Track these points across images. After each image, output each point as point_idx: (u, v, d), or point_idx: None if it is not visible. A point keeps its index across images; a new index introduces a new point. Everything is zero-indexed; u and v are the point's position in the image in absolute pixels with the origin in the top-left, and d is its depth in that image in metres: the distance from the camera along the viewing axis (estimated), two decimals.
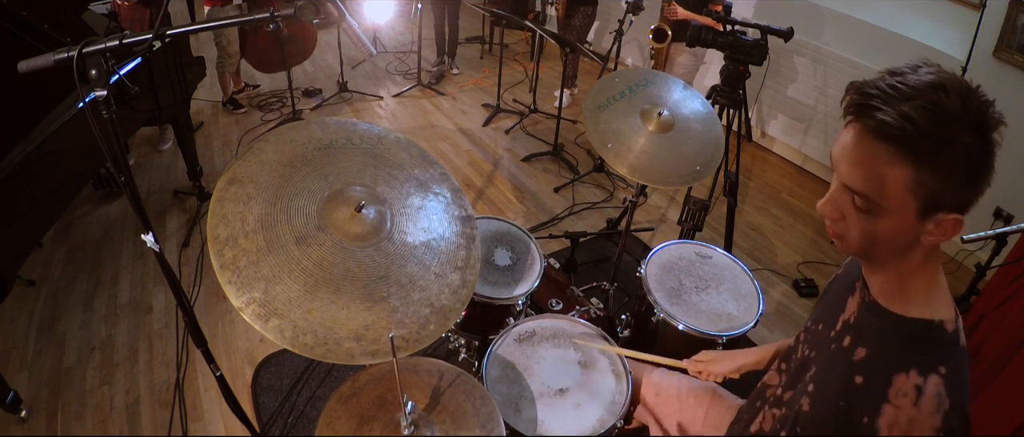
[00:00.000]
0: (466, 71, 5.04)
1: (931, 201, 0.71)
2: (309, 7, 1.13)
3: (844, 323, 0.90)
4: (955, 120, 0.67)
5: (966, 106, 0.68)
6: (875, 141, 0.71)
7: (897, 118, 0.68)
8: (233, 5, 3.56)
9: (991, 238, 1.87)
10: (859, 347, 0.83)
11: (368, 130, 1.37)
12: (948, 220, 0.72)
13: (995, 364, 1.80)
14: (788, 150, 3.94)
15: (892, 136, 0.69)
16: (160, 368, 2.19)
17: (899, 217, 0.74)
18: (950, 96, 0.67)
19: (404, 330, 1.10)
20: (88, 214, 2.98)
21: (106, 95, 1.01)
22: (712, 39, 2.38)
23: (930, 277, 0.80)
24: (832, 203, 0.79)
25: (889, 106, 0.69)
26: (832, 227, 0.82)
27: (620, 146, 1.78)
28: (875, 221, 0.75)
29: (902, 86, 0.69)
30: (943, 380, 0.74)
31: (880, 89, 0.70)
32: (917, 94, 0.68)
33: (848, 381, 0.81)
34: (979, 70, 2.63)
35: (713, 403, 1.37)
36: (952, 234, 0.74)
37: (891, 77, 0.71)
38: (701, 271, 1.83)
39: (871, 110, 0.70)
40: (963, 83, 0.69)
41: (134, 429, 1.98)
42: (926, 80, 0.69)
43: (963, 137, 0.68)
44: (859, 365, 0.81)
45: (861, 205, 0.75)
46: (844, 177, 0.76)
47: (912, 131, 0.68)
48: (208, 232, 1.06)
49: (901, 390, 0.75)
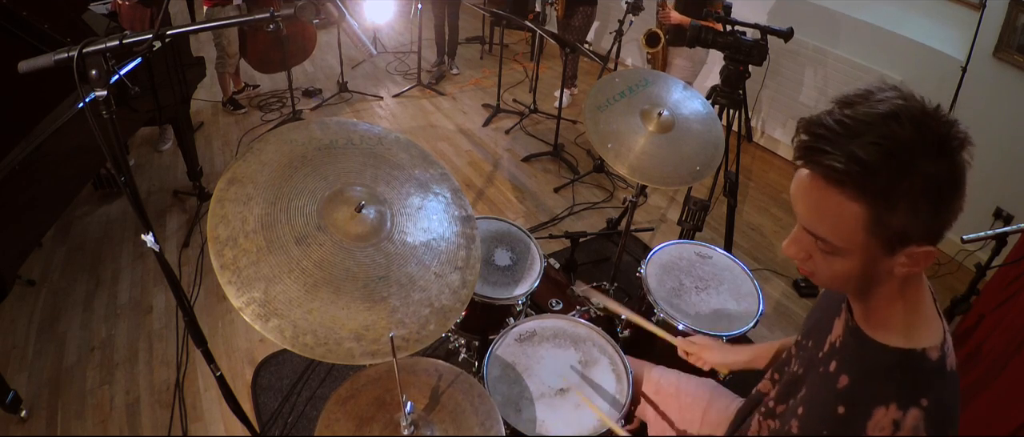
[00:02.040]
0: (466, 71, 5.04)
1: (895, 237, 0.69)
2: (309, 7, 1.13)
3: (830, 345, 0.88)
4: (911, 151, 0.64)
5: (921, 133, 0.64)
6: (826, 185, 0.68)
7: (844, 161, 0.65)
8: (233, 5, 3.56)
9: (991, 238, 1.87)
10: (842, 374, 0.81)
11: (368, 130, 1.37)
12: (919, 252, 0.70)
13: (995, 364, 1.80)
14: (788, 150, 3.94)
15: (841, 181, 0.66)
16: (160, 368, 2.19)
17: (864, 256, 0.72)
18: (904, 125, 0.64)
19: (404, 330, 1.10)
20: (88, 214, 2.98)
21: (106, 95, 1.01)
22: (712, 39, 2.38)
23: (912, 303, 0.78)
24: (796, 243, 0.78)
25: (836, 148, 0.66)
26: (801, 266, 0.80)
27: (620, 146, 1.78)
28: (839, 261, 0.74)
29: (850, 122, 0.66)
30: (923, 413, 0.72)
31: (827, 127, 0.67)
32: (868, 129, 0.65)
33: (832, 410, 0.79)
34: (979, 70, 2.63)
35: (712, 402, 1.37)
36: (925, 264, 0.72)
37: (841, 110, 0.68)
38: (701, 271, 1.83)
39: (818, 154, 0.67)
40: (918, 108, 0.65)
41: (134, 429, 1.98)
42: (878, 111, 0.65)
43: (923, 167, 0.64)
44: (842, 394, 0.79)
45: (823, 247, 0.74)
46: (801, 219, 0.75)
47: (860, 172, 0.65)
48: (208, 232, 1.06)
49: (879, 423, 0.73)
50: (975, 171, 0.68)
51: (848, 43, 3.39)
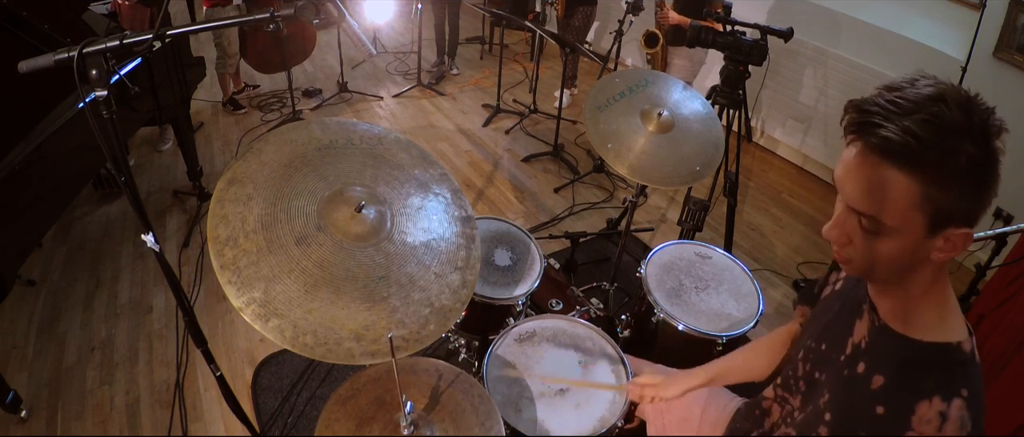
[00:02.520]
0: (466, 71, 5.03)
1: (939, 216, 0.70)
2: (309, 7, 1.13)
3: (854, 347, 0.87)
4: (958, 131, 0.66)
5: (968, 116, 0.66)
6: (879, 159, 0.70)
7: (900, 134, 0.67)
8: (233, 5, 3.56)
9: (991, 238, 1.86)
10: (876, 375, 0.81)
11: (368, 130, 1.37)
12: (957, 235, 0.71)
13: (995, 364, 1.80)
14: (788, 150, 3.94)
15: (896, 152, 0.68)
16: (160, 368, 2.19)
17: (907, 236, 0.72)
18: (951, 107, 0.66)
19: (404, 330, 1.10)
20: (88, 214, 2.99)
21: (106, 95, 1.01)
22: (712, 39, 2.38)
23: (940, 297, 0.79)
24: (838, 227, 0.78)
25: (891, 122, 0.68)
26: (839, 252, 0.80)
27: (620, 146, 1.78)
28: (883, 242, 0.74)
29: (902, 101, 0.68)
30: (965, 403, 0.73)
31: (880, 105, 0.69)
32: (917, 108, 0.67)
33: (869, 412, 0.79)
34: (979, 70, 2.63)
35: (710, 401, 1.37)
36: (962, 248, 0.73)
37: (889, 93, 0.70)
38: (701, 271, 1.83)
39: (873, 127, 0.69)
40: (962, 93, 0.68)
41: (134, 429, 1.98)
42: (925, 93, 0.68)
43: (967, 147, 0.66)
44: (879, 395, 0.79)
45: (868, 226, 0.74)
46: (849, 198, 0.75)
47: (916, 146, 0.66)
48: (208, 232, 1.06)
49: (925, 418, 0.73)
50: None
51: (848, 43, 3.39)
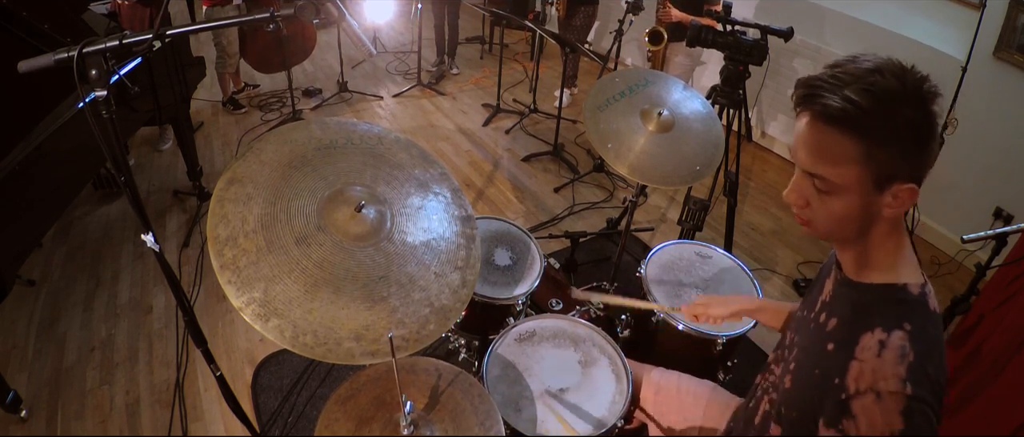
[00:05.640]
0: (466, 71, 5.03)
1: (883, 173, 0.78)
2: (309, 7, 1.13)
3: (822, 303, 0.96)
4: (893, 97, 0.74)
5: (902, 83, 0.74)
6: (824, 125, 0.78)
7: (841, 101, 0.75)
8: (233, 5, 3.56)
9: (991, 238, 1.87)
10: (832, 319, 0.90)
11: (368, 130, 1.37)
12: (904, 190, 0.78)
13: (995, 364, 1.80)
14: (788, 150, 3.94)
15: (838, 117, 0.76)
16: (160, 368, 2.19)
17: (856, 193, 0.80)
18: (887, 76, 0.74)
19: (404, 330, 1.10)
20: (88, 214, 2.99)
21: (106, 95, 1.01)
22: (712, 39, 2.38)
23: (894, 246, 0.86)
24: (796, 190, 0.86)
25: (833, 92, 0.76)
26: (799, 214, 0.88)
27: (620, 146, 1.78)
28: (835, 200, 0.81)
29: (842, 75, 0.77)
30: (907, 335, 0.78)
31: (823, 80, 0.78)
32: (855, 79, 0.75)
33: (822, 349, 0.87)
34: (979, 70, 2.63)
35: (711, 401, 1.37)
36: (909, 203, 0.80)
37: (832, 69, 0.78)
38: (701, 271, 1.83)
39: (817, 98, 0.77)
40: (897, 65, 0.76)
41: (134, 429, 1.98)
42: (864, 67, 0.76)
43: (904, 111, 0.74)
44: (830, 334, 0.88)
45: (821, 187, 0.82)
46: (802, 163, 0.83)
47: (854, 111, 0.74)
48: (208, 232, 1.06)
49: (866, 345, 0.80)
50: (975, 171, 0.70)
51: (848, 43, 3.39)
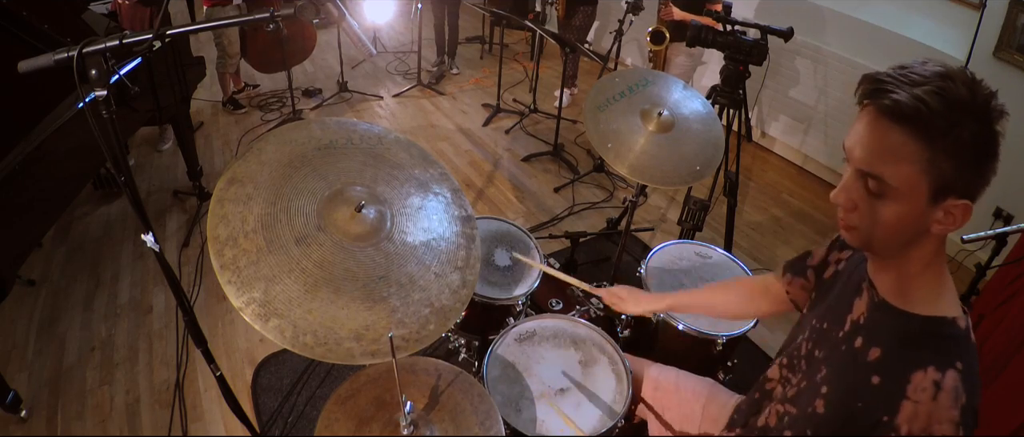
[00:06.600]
0: (466, 71, 5.03)
1: (941, 184, 0.73)
2: (309, 7, 1.13)
3: (853, 324, 0.90)
4: (963, 106, 0.70)
5: (973, 94, 0.70)
6: (889, 122, 0.73)
7: (911, 99, 0.70)
8: (233, 5, 3.56)
9: (991, 238, 1.86)
10: (873, 348, 0.83)
11: (368, 130, 1.37)
12: (957, 206, 0.74)
13: (995, 364, 1.80)
14: (788, 150, 3.94)
15: (905, 115, 0.71)
16: (160, 368, 2.19)
17: (910, 201, 0.75)
18: (957, 84, 0.70)
19: (404, 330, 1.10)
20: (88, 214, 2.98)
21: (106, 95, 1.01)
22: (712, 39, 2.38)
23: (937, 275, 0.81)
24: (845, 191, 0.80)
25: (902, 89, 0.71)
26: (844, 218, 0.83)
27: (620, 146, 1.78)
28: (887, 206, 0.76)
29: (912, 74, 0.72)
30: (960, 375, 0.75)
31: (892, 77, 0.74)
32: (926, 80, 0.71)
33: (865, 382, 0.81)
34: (979, 70, 2.58)
35: (711, 399, 1.37)
36: (961, 222, 0.75)
37: (901, 69, 0.74)
38: (701, 271, 1.83)
39: (885, 93, 0.73)
40: (968, 75, 0.72)
41: (134, 429, 1.98)
42: (934, 70, 0.72)
43: (970, 123, 0.70)
44: (875, 365, 0.82)
45: (874, 188, 0.76)
46: (858, 161, 0.77)
47: (925, 111, 0.70)
48: (208, 232, 1.06)
49: (920, 386, 0.76)
50: None
51: (848, 43, 3.39)
